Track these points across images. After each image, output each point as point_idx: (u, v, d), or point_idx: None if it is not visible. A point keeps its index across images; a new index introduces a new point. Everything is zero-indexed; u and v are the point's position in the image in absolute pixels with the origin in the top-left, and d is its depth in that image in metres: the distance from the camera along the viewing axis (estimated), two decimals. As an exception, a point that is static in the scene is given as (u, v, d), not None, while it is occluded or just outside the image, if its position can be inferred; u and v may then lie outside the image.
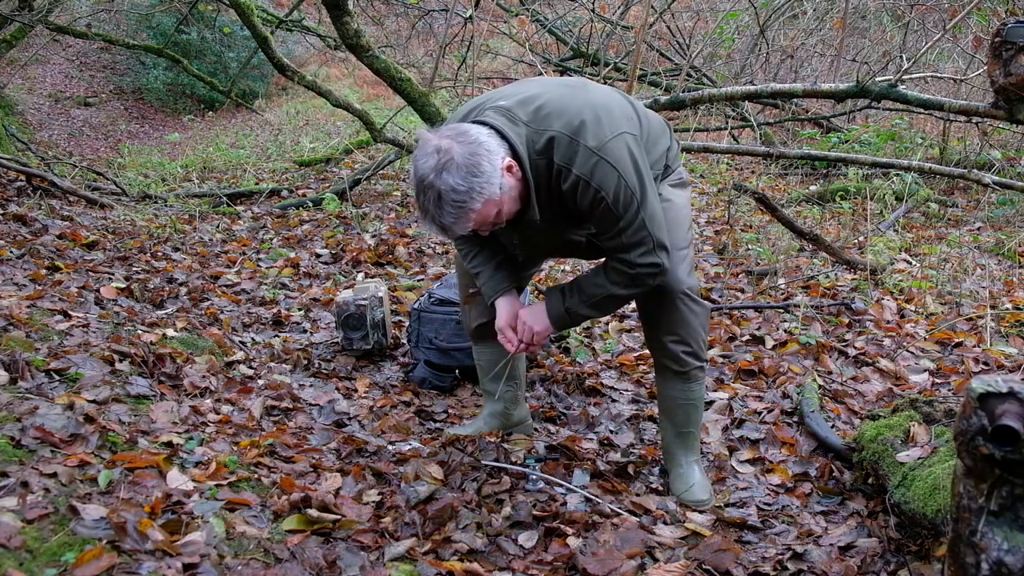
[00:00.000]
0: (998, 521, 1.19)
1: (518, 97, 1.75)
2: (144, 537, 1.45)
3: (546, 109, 1.72)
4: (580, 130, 1.69)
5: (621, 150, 1.72)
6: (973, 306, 3.37)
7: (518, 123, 1.70)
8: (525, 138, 1.70)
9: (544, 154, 1.71)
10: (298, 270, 3.99)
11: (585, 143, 1.68)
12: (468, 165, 1.59)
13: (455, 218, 1.61)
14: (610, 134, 1.71)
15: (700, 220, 5.11)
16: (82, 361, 2.20)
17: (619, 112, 1.79)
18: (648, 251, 1.78)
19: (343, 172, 6.71)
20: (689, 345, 2.00)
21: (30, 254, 3.44)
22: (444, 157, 1.58)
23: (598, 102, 1.76)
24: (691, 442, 2.14)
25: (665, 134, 2.01)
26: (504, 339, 2.02)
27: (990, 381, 1.18)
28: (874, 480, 2.03)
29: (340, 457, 2.17)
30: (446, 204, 1.59)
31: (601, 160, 1.68)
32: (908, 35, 6.96)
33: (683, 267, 1.95)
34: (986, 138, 5.92)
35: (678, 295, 1.93)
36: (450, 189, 1.58)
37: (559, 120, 1.70)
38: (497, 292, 2.02)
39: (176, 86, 12.59)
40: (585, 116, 1.70)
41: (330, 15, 4.68)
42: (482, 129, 1.66)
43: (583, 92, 1.79)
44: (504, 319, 2.00)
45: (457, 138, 1.62)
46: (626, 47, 7.60)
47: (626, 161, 1.72)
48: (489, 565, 1.72)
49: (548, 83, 1.84)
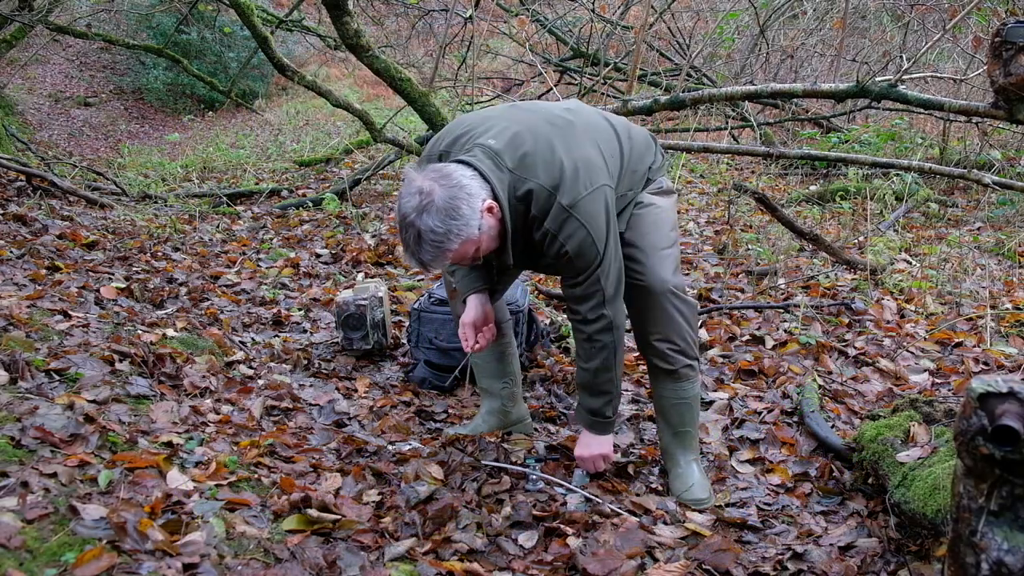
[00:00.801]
0: (998, 521, 1.19)
1: (506, 137, 1.81)
2: (144, 537, 1.45)
3: (531, 158, 1.79)
4: (559, 185, 1.77)
5: (595, 204, 1.80)
6: (973, 306, 3.37)
7: (503, 169, 1.78)
8: (508, 184, 1.78)
9: (523, 201, 1.80)
10: (298, 270, 3.99)
11: (560, 200, 1.77)
12: (447, 208, 1.66)
13: (433, 256, 1.70)
14: (585, 191, 1.79)
15: (700, 220, 5.11)
16: (82, 361, 2.20)
17: (599, 163, 1.86)
18: (598, 304, 1.89)
19: (343, 172, 6.71)
20: (676, 343, 2.03)
21: (30, 254, 3.44)
22: (426, 199, 1.66)
23: (580, 155, 1.83)
24: (689, 441, 2.14)
25: (650, 149, 2.10)
26: (463, 335, 2.11)
27: (990, 381, 1.18)
28: (874, 480, 2.03)
29: (340, 457, 2.17)
30: (425, 243, 1.68)
31: (571, 217, 1.78)
32: (908, 35, 6.96)
33: (666, 266, 2.00)
34: (986, 138, 5.92)
35: (663, 294, 1.98)
36: (429, 230, 1.66)
37: (541, 172, 1.78)
38: (469, 289, 2.11)
39: (176, 86, 12.59)
40: (566, 170, 1.78)
41: (330, 15, 4.68)
42: (466, 171, 1.73)
43: (569, 137, 1.85)
44: (470, 316, 2.09)
45: (440, 180, 1.69)
46: (626, 47, 7.60)
47: (597, 217, 1.81)
48: (489, 565, 1.72)
49: (538, 120, 1.88)
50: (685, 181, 6.40)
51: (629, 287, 2.02)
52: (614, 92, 7.01)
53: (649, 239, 2.00)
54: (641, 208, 2.03)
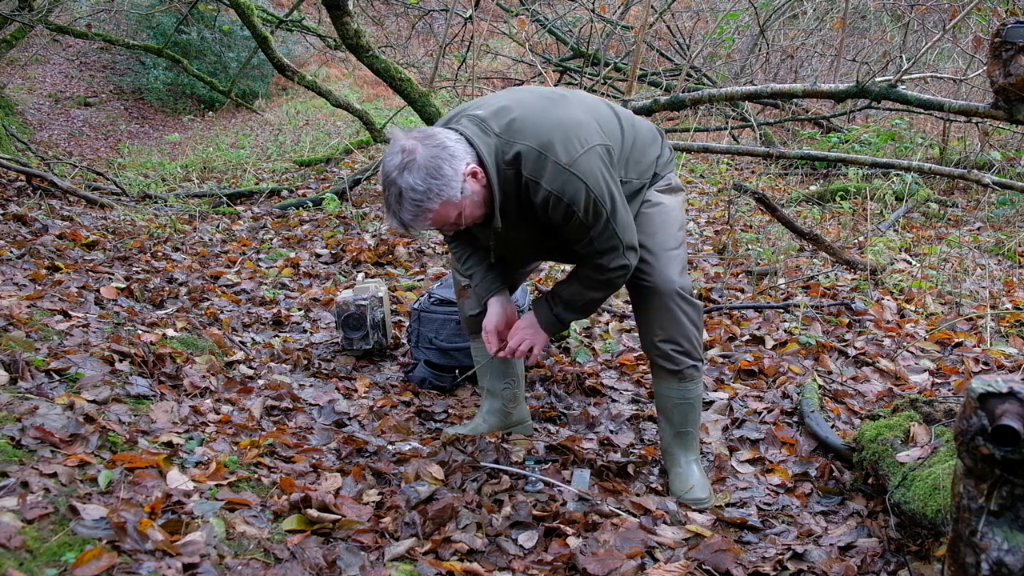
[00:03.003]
0: (998, 521, 1.19)
1: (494, 107, 1.81)
2: (144, 537, 1.45)
3: (519, 123, 1.77)
4: (549, 146, 1.74)
5: (591, 163, 1.77)
6: (973, 306, 3.37)
7: (489, 134, 1.77)
8: (494, 148, 1.76)
9: (513, 165, 1.77)
10: (298, 270, 3.99)
11: (556, 159, 1.74)
12: (429, 167, 1.66)
13: (413, 215, 1.70)
14: (581, 148, 1.77)
15: (700, 220, 5.11)
16: (82, 361, 2.20)
17: (593, 126, 1.83)
18: (618, 255, 1.87)
19: (343, 172, 6.71)
20: (681, 344, 2.02)
21: (30, 254, 3.44)
22: (408, 157, 1.67)
23: (570, 117, 1.80)
24: (689, 442, 2.14)
25: (656, 142, 2.06)
26: (487, 340, 2.09)
27: (990, 381, 1.18)
28: (874, 480, 2.03)
29: (340, 457, 2.17)
30: (405, 201, 1.68)
31: (571, 175, 1.74)
32: (908, 35, 6.97)
33: (674, 267, 1.99)
34: (986, 138, 5.92)
35: (670, 295, 1.97)
36: (409, 188, 1.66)
37: (529, 134, 1.76)
38: (490, 292, 2.09)
39: (176, 86, 12.59)
40: (555, 132, 1.76)
41: (330, 15, 4.69)
42: (450, 134, 1.74)
43: (561, 106, 1.83)
44: (492, 321, 2.08)
45: (423, 140, 1.70)
46: (626, 47, 7.60)
47: (595, 174, 1.77)
48: (489, 565, 1.72)
49: (530, 94, 1.88)
50: (685, 181, 6.40)
51: (635, 287, 2.02)
52: (614, 92, 7.01)
53: (657, 239, 1.99)
54: (650, 207, 2.02)
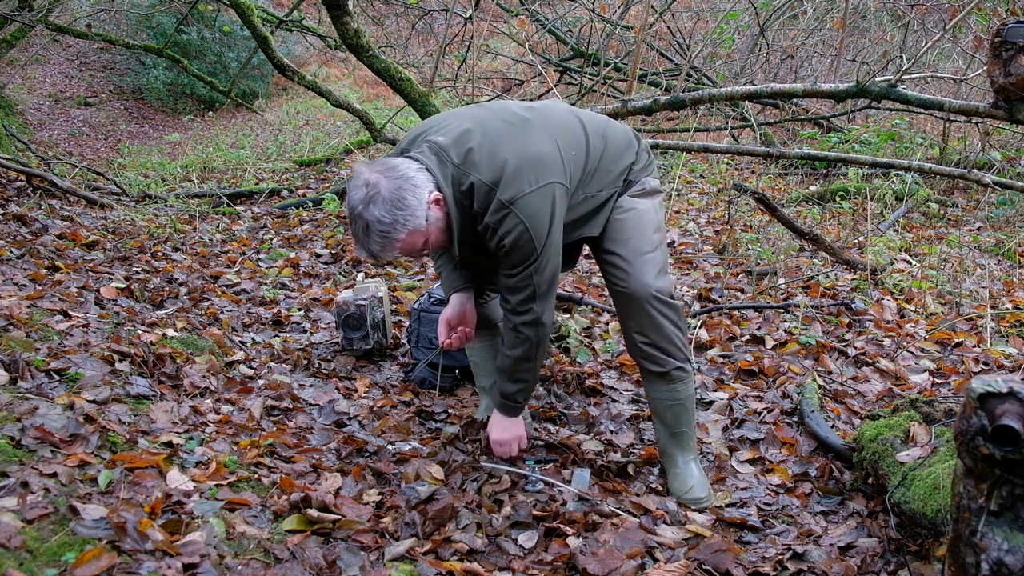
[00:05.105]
0: (998, 521, 1.19)
1: (456, 132, 1.84)
2: (144, 537, 1.45)
3: (475, 154, 1.80)
4: (499, 180, 1.78)
5: (538, 202, 1.79)
6: (973, 306, 3.37)
7: (446, 164, 1.81)
8: (452, 178, 1.80)
9: (467, 195, 1.82)
10: (298, 270, 3.99)
11: (500, 195, 1.78)
12: (393, 199, 1.71)
13: (381, 246, 1.74)
14: (528, 187, 1.79)
15: (700, 220, 5.11)
16: (82, 361, 2.20)
17: (552, 159, 1.84)
18: (528, 298, 1.89)
19: (343, 172, 6.71)
20: (663, 347, 2.03)
21: (30, 254, 3.44)
22: (372, 191, 1.71)
23: (527, 150, 1.82)
24: (686, 441, 2.15)
25: (631, 149, 2.07)
26: (439, 331, 2.14)
27: (990, 381, 1.18)
28: (874, 480, 2.03)
29: (340, 457, 2.17)
30: (373, 233, 1.72)
31: (511, 212, 1.78)
32: (908, 35, 6.96)
33: (649, 271, 1.99)
34: (986, 138, 5.92)
35: (646, 299, 1.98)
36: (376, 220, 1.71)
37: (483, 167, 1.79)
38: (453, 288, 2.14)
39: (176, 86, 12.59)
40: (508, 166, 1.79)
41: (330, 15, 4.68)
42: (412, 164, 1.78)
43: (521, 134, 1.85)
44: (447, 314, 2.13)
45: (386, 173, 1.74)
46: (626, 47, 7.60)
47: (539, 215, 1.80)
48: (489, 565, 1.72)
49: (495, 117, 1.89)
50: (685, 181, 6.40)
51: (613, 293, 2.04)
52: (614, 92, 7.01)
53: (631, 244, 2.00)
54: (621, 213, 2.03)
